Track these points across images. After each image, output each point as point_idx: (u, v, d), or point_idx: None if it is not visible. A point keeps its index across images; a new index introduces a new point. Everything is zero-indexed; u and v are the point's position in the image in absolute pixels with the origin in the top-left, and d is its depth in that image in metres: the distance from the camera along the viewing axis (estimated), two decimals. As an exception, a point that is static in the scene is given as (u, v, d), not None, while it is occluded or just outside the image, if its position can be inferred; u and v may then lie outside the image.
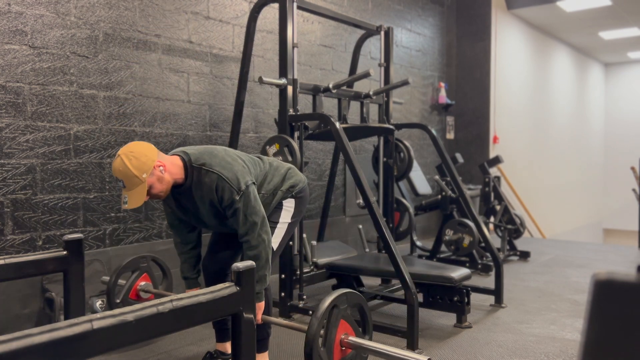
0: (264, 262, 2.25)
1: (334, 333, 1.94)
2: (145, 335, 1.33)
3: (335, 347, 1.94)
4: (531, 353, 2.81)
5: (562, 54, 9.98)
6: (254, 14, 3.72)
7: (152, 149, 2.16)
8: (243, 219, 2.23)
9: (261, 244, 2.24)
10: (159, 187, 2.17)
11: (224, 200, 2.23)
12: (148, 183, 2.12)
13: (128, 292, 2.85)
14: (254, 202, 2.26)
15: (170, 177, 2.20)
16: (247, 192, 2.24)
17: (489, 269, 4.63)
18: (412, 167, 4.33)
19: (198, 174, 2.25)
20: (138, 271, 2.89)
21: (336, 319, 1.94)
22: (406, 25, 6.41)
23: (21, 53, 3.10)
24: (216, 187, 2.22)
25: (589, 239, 11.25)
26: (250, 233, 2.24)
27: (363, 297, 2.07)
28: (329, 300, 1.92)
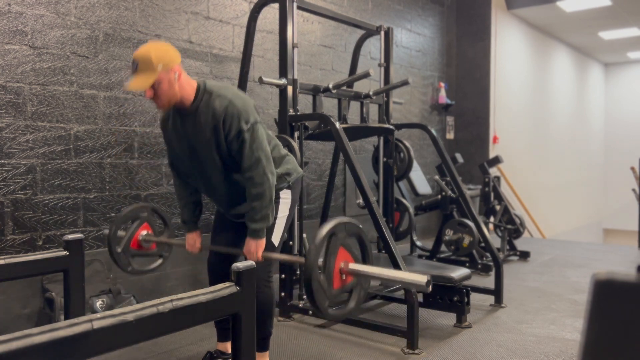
0: (268, 202, 2.23)
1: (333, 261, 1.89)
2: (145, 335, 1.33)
3: (335, 275, 1.89)
4: (531, 353, 2.81)
5: (562, 54, 9.98)
6: (254, 14, 3.72)
7: (177, 55, 2.20)
8: (249, 153, 2.19)
9: (265, 182, 2.21)
10: (165, 89, 2.15)
11: (232, 128, 2.18)
12: (159, 77, 2.12)
13: (129, 242, 2.77)
14: (262, 139, 2.22)
15: (179, 90, 2.19)
16: (256, 127, 2.22)
17: (489, 269, 4.63)
18: (412, 167, 4.33)
19: (209, 97, 2.23)
20: (138, 220, 2.81)
21: (335, 247, 1.89)
22: (406, 25, 6.41)
23: (21, 53, 3.10)
24: (225, 113, 2.18)
25: (589, 239, 11.25)
26: (254, 169, 2.20)
27: (361, 228, 2.00)
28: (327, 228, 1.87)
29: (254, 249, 2.27)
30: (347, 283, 1.95)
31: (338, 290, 1.92)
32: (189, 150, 2.34)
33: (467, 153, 7.33)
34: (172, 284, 3.85)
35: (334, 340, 3.01)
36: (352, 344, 2.94)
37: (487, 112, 7.32)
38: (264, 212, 2.23)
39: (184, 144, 2.33)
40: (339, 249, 1.91)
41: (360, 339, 3.02)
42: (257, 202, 2.23)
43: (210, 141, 2.23)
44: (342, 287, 1.93)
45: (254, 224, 2.25)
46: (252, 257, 2.27)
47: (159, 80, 2.13)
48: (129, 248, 2.77)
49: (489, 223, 5.52)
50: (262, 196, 2.22)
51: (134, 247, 2.79)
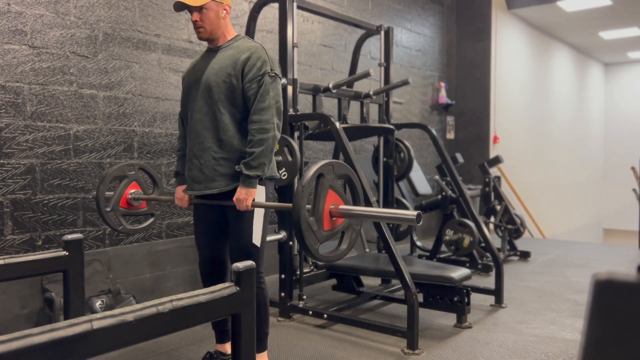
0: (268, 152, 2.23)
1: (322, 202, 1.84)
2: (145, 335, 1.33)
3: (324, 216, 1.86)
4: (531, 353, 2.81)
5: (562, 54, 9.98)
6: (254, 14, 3.72)
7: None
8: (265, 96, 2.22)
9: (271, 130, 2.22)
10: (211, 18, 2.30)
11: (255, 68, 2.24)
12: (209, 4, 2.27)
13: (118, 201, 2.72)
14: (280, 96, 2.28)
15: (223, 25, 2.35)
16: (278, 81, 2.29)
17: (489, 269, 4.63)
18: (412, 167, 4.33)
19: (243, 41, 2.36)
20: (127, 179, 2.76)
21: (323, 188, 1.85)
22: (406, 25, 6.41)
23: (21, 53, 3.10)
24: (254, 52, 2.27)
25: (589, 239, 11.25)
26: (265, 113, 2.21)
27: (350, 169, 1.97)
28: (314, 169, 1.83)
29: (243, 196, 2.23)
30: (337, 225, 1.91)
31: (328, 232, 1.88)
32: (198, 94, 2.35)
33: (467, 153, 7.33)
34: (172, 284, 3.85)
35: (333, 340, 3.01)
36: (352, 344, 2.94)
37: (487, 112, 7.32)
38: (262, 159, 2.21)
39: (196, 84, 2.37)
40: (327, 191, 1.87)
41: (360, 339, 3.02)
42: (257, 149, 2.21)
43: (227, 74, 2.28)
44: (332, 229, 1.90)
45: (249, 170, 2.22)
46: (242, 206, 2.24)
47: (208, 7, 2.27)
48: (118, 207, 2.71)
49: (489, 223, 5.52)
50: (265, 143, 2.21)
51: (124, 206, 2.75)
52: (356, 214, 1.91)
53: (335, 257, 1.94)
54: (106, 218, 2.68)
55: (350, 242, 1.95)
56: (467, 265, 4.65)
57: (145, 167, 2.88)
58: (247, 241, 2.35)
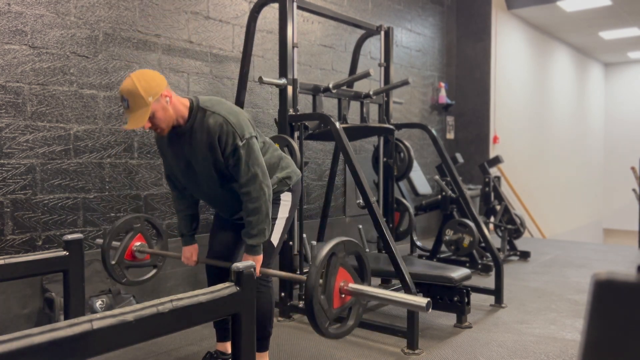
0: (264, 217, 2.24)
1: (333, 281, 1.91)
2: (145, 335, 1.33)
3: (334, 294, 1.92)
4: (531, 353, 2.81)
5: (562, 54, 9.98)
6: (254, 14, 3.72)
7: (162, 79, 2.18)
8: (245, 169, 2.21)
9: (262, 196, 2.22)
10: (161, 117, 2.16)
11: (227, 145, 2.20)
12: (152, 108, 2.12)
13: (123, 253, 2.76)
14: (257, 154, 2.24)
15: (174, 112, 2.20)
16: (251, 142, 2.23)
17: (489, 269, 4.63)
18: (412, 167, 4.33)
19: (203, 115, 2.24)
20: (132, 232, 2.80)
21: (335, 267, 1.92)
22: (406, 25, 6.41)
23: (21, 53, 3.10)
24: (220, 131, 2.20)
25: (589, 239, 11.25)
26: (251, 184, 2.22)
27: (360, 245, 2.04)
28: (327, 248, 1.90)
29: None
30: (346, 302, 1.99)
31: (338, 310, 1.95)
32: (185, 167, 2.35)
33: (467, 153, 7.33)
34: (172, 284, 3.85)
35: (333, 340, 3.01)
36: (352, 344, 2.94)
37: (487, 112, 7.32)
38: (261, 226, 2.24)
39: (181, 161, 2.35)
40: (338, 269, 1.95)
41: (360, 339, 3.02)
42: (253, 217, 2.24)
43: (207, 158, 2.26)
44: (341, 306, 1.97)
45: (251, 240, 2.26)
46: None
47: (153, 111, 2.14)
48: (123, 259, 2.77)
49: (489, 223, 5.52)
50: (259, 211, 2.23)
51: (128, 259, 2.80)
52: (365, 294, 1.99)
53: (343, 333, 2.01)
54: (111, 271, 2.72)
55: (357, 318, 2.02)
56: (467, 265, 4.65)
57: (151, 220, 2.94)
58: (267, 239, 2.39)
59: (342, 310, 1.97)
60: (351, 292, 1.97)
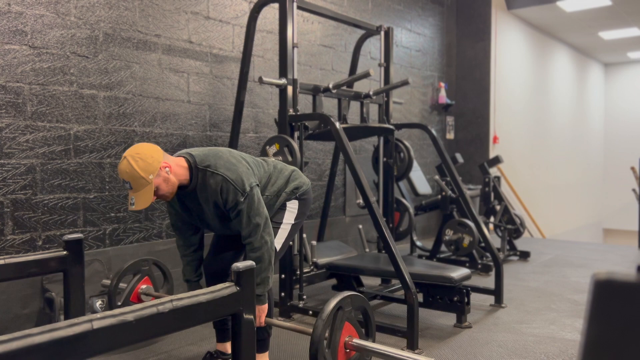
0: (267, 265, 2.26)
1: (338, 335, 1.94)
2: (145, 335, 1.33)
3: (339, 349, 1.95)
4: (531, 353, 2.81)
5: (562, 54, 9.98)
6: (254, 14, 3.72)
7: (158, 150, 2.17)
8: (246, 221, 2.24)
9: (264, 246, 2.25)
10: (165, 188, 2.18)
11: (229, 202, 2.24)
12: (155, 184, 2.13)
13: (129, 295, 2.84)
14: (258, 204, 2.27)
15: (176, 179, 2.22)
16: (252, 193, 2.25)
17: (489, 269, 4.63)
18: (412, 167, 4.33)
19: (203, 176, 2.26)
20: (139, 274, 2.88)
21: (341, 321, 1.95)
22: (406, 25, 6.41)
23: (21, 53, 3.10)
24: (221, 189, 2.23)
25: (589, 239, 11.25)
26: (253, 235, 2.25)
27: (367, 300, 2.09)
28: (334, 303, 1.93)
29: (256, 314, 2.27)
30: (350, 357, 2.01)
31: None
32: (196, 217, 2.42)
33: (467, 153, 7.33)
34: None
35: (334, 340, 3.01)
36: (352, 344, 2.94)
37: (487, 112, 7.32)
38: (264, 275, 2.26)
39: (189, 212, 2.42)
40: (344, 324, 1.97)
41: (360, 339, 3.02)
42: (256, 266, 2.24)
43: (213, 212, 2.32)
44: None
45: (255, 289, 2.25)
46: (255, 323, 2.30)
47: (156, 186, 2.16)
48: (129, 301, 2.82)
49: (489, 223, 5.52)
50: (261, 260, 2.26)
51: (134, 301, 2.86)
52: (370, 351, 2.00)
53: None
54: None
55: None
56: (467, 265, 4.65)
57: (158, 263, 2.98)
58: None
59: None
60: (356, 348, 1.99)
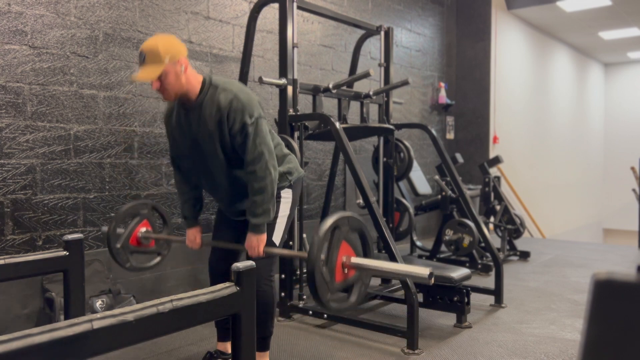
0: (269, 196, 2.24)
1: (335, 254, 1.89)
2: (145, 335, 1.33)
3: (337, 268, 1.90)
4: (531, 353, 2.81)
5: (562, 54, 9.98)
6: (254, 14, 3.72)
7: (184, 47, 2.24)
8: (252, 146, 2.21)
9: (268, 176, 2.23)
10: (172, 82, 2.18)
11: (236, 122, 2.21)
12: (166, 69, 2.15)
13: (128, 238, 2.76)
14: (265, 134, 2.25)
15: (185, 83, 2.22)
16: (260, 121, 2.24)
17: (489, 269, 4.63)
18: (412, 167, 4.33)
19: (214, 91, 2.25)
20: (138, 217, 2.79)
21: (338, 240, 1.90)
22: (406, 25, 6.41)
23: (21, 53, 3.10)
24: (230, 106, 2.20)
25: (589, 239, 11.25)
26: (258, 163, 2.22)
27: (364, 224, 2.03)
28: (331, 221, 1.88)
29: (255, 243, 2.27)
30: (349, 277, 1.95)
31: (340, 284, 1.92)
32: (191, 145, 2.35)
33: (467, 153, 7.33)
34: (172, 284, 3.85)
35: (334, 340, 3.01)
36: (352, 344, 2.94)
37: (487, 112, 7.32)
38: (266, 206, 2.24)
39: (187, 139, 2.34)
40: (341, 243, 1.92)
41: (360, 339, 3.02)
42: (258, 196, 2.24)
43: (213, 135, 2.25)
44: (344, 281, 1.94)
45: (255, 219, 2.26)
46: (254, 252, 2.29)
47: (165, 71, 2.16)
48: (128, 244, 2.75)
49: (489, 223, 5.52)
50: (264, 190, 2.23)
51: (133, 244, 2.78)
52: (367, 268, 1.97)
53: (344, 308, 2.00)
54: (115, 255, 2.71)
55: (359, 296, 2.01)
56: (467, 265, 4.65)
57: (157, 207, 2.92)
58: (269, 238, 2.38)
59: (344, 285, 1.94)
60: (354, 266, 1.94)
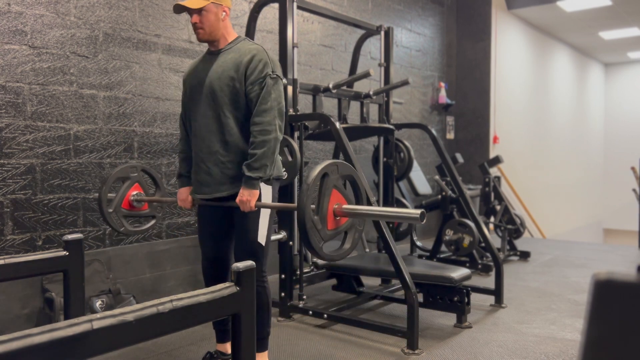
0: (270, 154, 2.24)
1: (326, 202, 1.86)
2: (145, 335, 1.33)
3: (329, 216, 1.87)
4: (531, 353, 2.81)
5: (562, 54, 9.98)
6: (254, 14, 3.72)
7: (230, 1, 2.37)
8: (267, 98, 2.23)
9: (273, 132, 2.23)
10: (211, 20, 2.30)
11: (256, 70, 2.25)
12: (209, 6, 2.27)
13: (120, 202, 2.72)
14: (282, 94, 2.29)
15: (222, 28, 2.34)
16: (281, 83, 2.30)
17: (489, 269, 4.63)
18: (412, 167, 4.33)
19: (246, 43, 2.36)
20: (129, 181, 2.76)
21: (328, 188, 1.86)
22: (406, 25, 6.41)
23: (21, 53, 3.10)
24: (255, 55, 2.27)
25: (589, 239, 11.25)
26: (267, 115, 2.22)
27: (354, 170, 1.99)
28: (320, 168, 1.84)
29: (246, 198, 2.24)
30: (341, 224, 1.92)
31: (332, 232, 1.89)
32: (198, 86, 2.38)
33: (467, 153, 7.32)
34: (172, 284, 3.85)
35: (334, 340, 3.01)
36: (352, 344, 2.94)
37: (487, 112, 7.32)
38: (264, 161, 2.23)
39: (198, 84, 2.38)
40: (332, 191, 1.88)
41: (360, 339, 3.02)
42: (259, 150, 2.22)
43: (226, 73, 2.29)
44: (336, 229, 1.91)
45: (251, 172, 2.23)
46: (246, 207, 2.26)
47: (208, 9, 2.27)
48: (120, 208, 2.71)
49: (489, 223, 5.52)
50: (266, 145, 2.22)
51: (126, 208, 2.75)
52: (359, 213, 1.92)
53: (339, 256, 1.96)
54: (108, 219, 2.68)
55: (353, 242, 1.97)
56: (467, 265, 4.65)
57: (147, 169, 2.88)
58: (253, 240, 2.36)
59: (336, 233, 1.92)
60: (345, 213, 1.91)
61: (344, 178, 1.96)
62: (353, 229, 1.97)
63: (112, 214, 2.69)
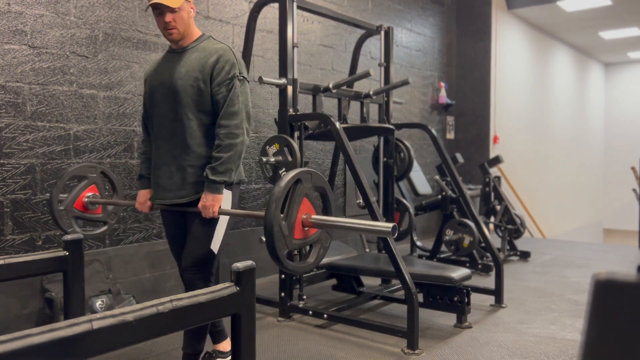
0: (236, 158, 2.18)
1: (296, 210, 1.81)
2: (145, 335, 1.33)
3: (297, 224, 1.82)
4: (531, 353, 2.81)
5: (562, 54, 9.98)
6: (254, 14, 3.72)
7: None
8: (234, 100, 2.18)
9: (240, 136, 2.17)
10: (184, 18, 2.27)
11: (223, 71, 2.19)
12: (183, 4, 2.24)
13: (73, 201, 2.59)
14: (249, 97, 2.26)
15: (189, 25, 2.31)
16: (247, 84, 2.26)
17: (489, 269, 4.63)
18: (412, 167, 4.33)
19: (208, 42, 2.32)
20: (86, 180, 2.64)
21: (299, 195, 1.82)
22: (406, 25, 6.41)
23: (21, 53, 3.10)
24: (221, 55, 2.22)
25: (589, 239, 11.25)
26: (234, 119, 2.16)
27: (327, 183, 1.95)
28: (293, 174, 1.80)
29: (210, 203, 2.17)
30: (308, 235, 1.89)
31: (299, 241, 1.85)
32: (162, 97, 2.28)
33: (467, 153, 7.33)
34: (172, 284, 3.85)
35: (333, 340, 3.01)
36: (352, 344, 2.94)
37: (487, 112, 7.32)
38: (229, 165, 2.17)
39: (163, 87, 2.29)
40: (302, 199, 1.85)
41: (360, 339, 3.02)
42: (225, 154, 2.16)
43: (194, 78, 2.22)
44: (303, 239, 1.87)
45: (215, 175, 2.16)
46: (208, 213, 2.17)
47: (182, 7, 2.24)
48: (72, 208, 2.59)
49: (489, 223, 5.52)
50: (233, 148, 2.16)
51: (78, 208, 2.62)
52: (328, 224, 1.88)
53: (301, 269, 1.91)
54: (57, 217, 2.55)
55: (317, 257, 1.92)
56: (467, 265, 4.65)
57: (107, 172, 2.78)
58: (206, 248, 2.28)
59: (303, 244, 1.87)
60: (314, 224, 1.86)
61: (316, 189, 1.92)
62: (319, 243, 1.92)
63: (63, 212, 2.56)
